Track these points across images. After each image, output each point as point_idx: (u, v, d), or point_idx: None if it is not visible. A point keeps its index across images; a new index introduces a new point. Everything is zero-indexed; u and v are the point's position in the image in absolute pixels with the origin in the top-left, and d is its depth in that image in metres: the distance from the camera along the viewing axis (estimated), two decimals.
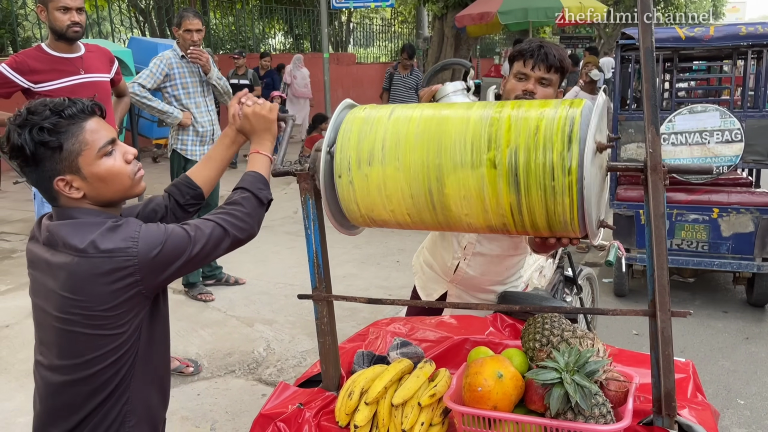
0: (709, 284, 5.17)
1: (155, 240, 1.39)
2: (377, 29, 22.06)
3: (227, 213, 1.50)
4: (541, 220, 1.36)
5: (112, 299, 1.37)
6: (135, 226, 1.40)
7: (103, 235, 1.37)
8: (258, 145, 1.64)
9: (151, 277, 1.40)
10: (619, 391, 1.40)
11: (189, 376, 3.60)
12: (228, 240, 1.48)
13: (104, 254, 1.35)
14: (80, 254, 1.36)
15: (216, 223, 1.47)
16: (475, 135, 1.36)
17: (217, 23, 16.18)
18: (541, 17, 10.11)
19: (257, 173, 1.60)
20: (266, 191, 1.57)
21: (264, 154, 1.63)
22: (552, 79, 1.99)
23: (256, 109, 1.62)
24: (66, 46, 3.23)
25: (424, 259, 2.37)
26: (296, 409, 1.56)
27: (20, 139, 1.36)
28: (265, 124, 1.62)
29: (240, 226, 1.50)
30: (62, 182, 1.41)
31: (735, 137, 4.23)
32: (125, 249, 1.36)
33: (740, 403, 3.41)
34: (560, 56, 1.99)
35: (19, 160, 1.39)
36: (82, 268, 1.36)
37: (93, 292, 1.37)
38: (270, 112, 1.63)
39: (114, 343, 1.41)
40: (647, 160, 1.29)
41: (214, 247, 1.46)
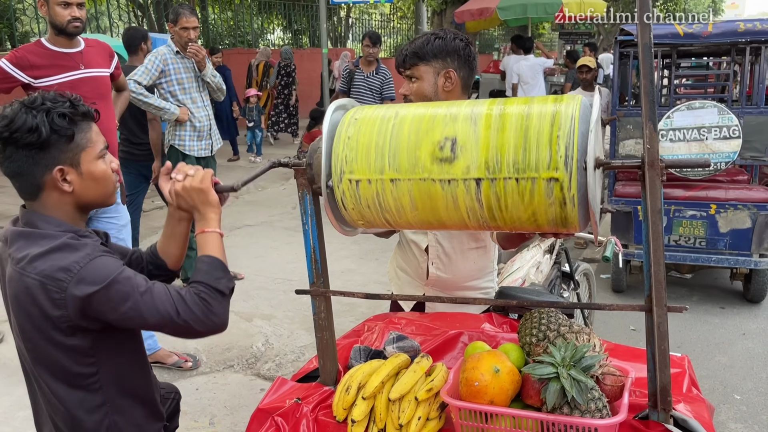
0: (707, 280, 5.18)
1: (98, 277, 1.33)
2: (376, 25, 22.03)
3: (191, 301, 1.39)
4: (541, 226, 1.39)
5: (50, 325, 1.35)
6: (86, 255, 1.35)
7: (47, 255, 1.34)
8: (201, 222, 1.49)
9: (82, 314, 1.34)
10: (615, 386, 1.40)
11: (188, 371, 3.61)
12: (176, 324, 1.37)
13: (37, 277, 1.33)
14: (19, 271, 1.35)
15: (174, 301, 1.37)
16: (474, 219, 1.38)
17: (215, 18, 16.14)
18: (540, 13, 10.11)
19: (211, 259, 1.46)
20: (225, 279, 1.45)
21: (211, 231, 1.48)
22: (415, 74, 1.96)
23: (186, 184, 1.47)
24: (66, 41, 3.22)
25: (397, 264, 2.34)
26: (294, 404, 1.56)
27: (35, 121, 1.35)
28: (200, 197, 1.47)
29: (199, 319, 1.39)
30: (60, 173, 1.40)
31: (733, 134, 4.24)
32: (58, 280, 1.32)
33: (737, 398, 3.43)
34: (414, 48, 1.94)
35: (25, 141, 1.35)
36: (20, 285, 1.36)
37: (31, 312, 1.36)
38: (202, 182, 1.46)
39: (76, 368, 1.41)
40: (644, 156, 1.30)
41: (158, 322, 1.37)
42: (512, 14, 10.21)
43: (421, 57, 1.94)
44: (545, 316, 1.58)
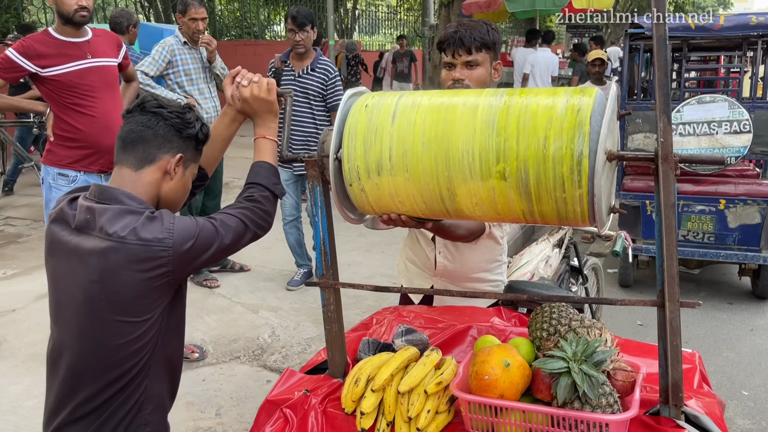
0: (715, 275, 5.16)
1: (188, 233, 1.42)
2: (382, 16, 21.94)
3: (249, 209, 1.53)
4: (552, 220, 1.39)
5: (142, 287, 1.39)
6: (170, 218, 1.43)
7: (143, 225, 1.40)
8: (263, 128, 1.62)
9: (181, 268, 1.43)
10: (626, 381, 1.39)
11: (194, 362, 3.62)
12: (249, 235, 1.52)
13: (142, 243, 1.38)
14: (119, 240, 1.38)
15: (239, 219, 1.51)
16: (483, 146, 1.34)
17: (222, 9, 16.11)
18: (549, 5, 10.03)
19: (269, 166, 1.60)
20: (280, 186, 1.60)
21: (270, 138, 1.62)
22: (477, 59, 1.95)
23: (254, 92, 1.59)
24: (73, 30, 3.21)
25: (407, 256, 2.33)
26: (302, 396, 1.56)
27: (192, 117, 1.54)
28: (266, 106, 1.61)
29: (260, 224, 1.54)
30: (179, 160, 1.51)
31: (743, 128, 4.20)
32: (162, 240, 1.39)
33: (744, 394, 3.41)
34: (480, 34, 1.94)
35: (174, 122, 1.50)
36: (118, 254, 1.38)
37: (124, 280, 1.38)
38: (269, 92, 1.60)
39: (138, 330, 1.42)
40: (658, 150, 1.28)
41: (236, 242, 1.50)
42: (520, 6, 10.14)
43: (485, 44, 1.95)
44: (556, 311, 1.57)
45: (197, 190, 1.74)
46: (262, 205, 1.54)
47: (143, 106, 1.51)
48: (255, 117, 1.63)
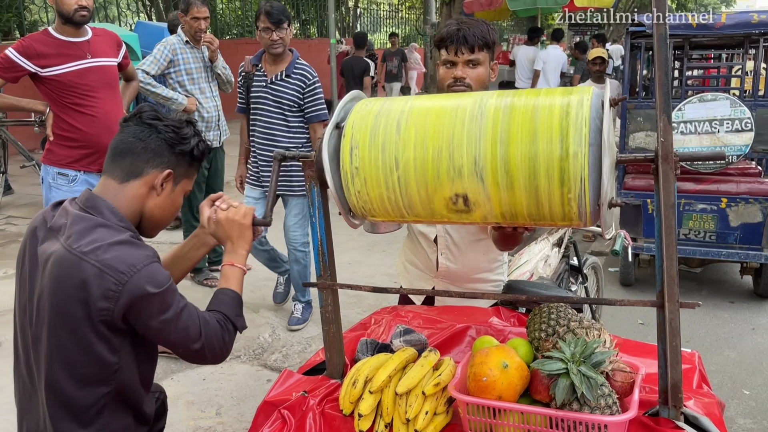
0: (716, 274, 5.14)
1: (157, 280, 1.36)
2: (384, 15, 21.92)
3: (215, 328, 1.47)
4: (552, 221, 1.38)
5: (85, 309, 1.34)
6: (146, 257, 1.37)
7: (110, 246, 1.34)
8: (232, 255, 1.55)
9: (124, 311, 1.35)
10: (625, 382, 1.39)
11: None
12: (197, 345, 1.43)
13: (98, 265, 1.32)
14: (78, 254, 1.34)
15: (200, 325, 1.43)
16: (481, 149, 1.33)
17: (223, 8, 16.10)
18: (550, 3, 10.03)
19: (234, 295, 1.54)
20: (242, 319, 1.55)
21: (238, 266, 1.56)
22: (479, 58, 1.94)
23: (229, 215, 1.54)
24: (73, 30, 3.21)
25: (406, 258, 2.32)
26: (300, 397, 1.56)
27: (190, 132, 1.52)
28: (238, 231, 1.54)
29: (213, 347, 1.46)
30: (168, 177, 1.47)
31: (745, 126, 4.19)
32: (119, 272, 1.32)
33: (745, 393, 3.40)
34: (481, 33, 1.93)
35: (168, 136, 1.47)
36: (72, 266, 1.33)
37: (70, 294, 1.34)
38: (244, 217, 1.54)
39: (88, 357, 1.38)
40: (658, 149, 1.27)
41: (182, 338, 1.42)
42: (522, 5, 10.14)
43: (486, 44, 1.94)
44: (555, 311, 1.56)
45: None
46: (223, 332, 1.48)
47: (140, 116, 1.48)
48: (226, 242, 1.57)
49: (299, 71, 3.75)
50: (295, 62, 3.71)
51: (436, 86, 2.08)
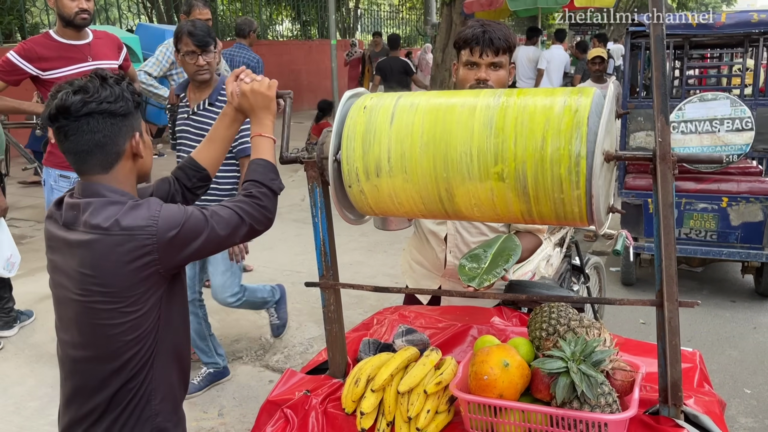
0: (718, 273, 5.15)
1: (175, 220, 1.40)
2: (385, 15, 21.93)
3: (245, 203, 1.50)
4: (550, 220, 1.39)
5: (130, 277, 1.39)
6: (156, 206, 1.42)
7: (125, 213, 1.39)
8: (259, 126, 1.61)
9: (168, 256, 1.41)
10: (626, 381, 1.39)
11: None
12: (245, 228, 1.49)
13: (125, 232, 1.38)
14: (102, 232, 1.38)
15: (234, 211, 1.48)
16: (480, 147, 1.34)
17: (224, 10, 16.13)
18: (550, 3, 10.03)
19: (266, 162, 1.58)
20: (278, 181, 1.57)
21: (267, 136, 1.61)
22: (502, 61, 1.97)
23: (254, 87, 1.58)
24: (74, 32, 3.22)
25: (412, 257, 2.34)
26: (303, 396, 1.57)
27: (121, 89, 1.44)
28: (263, 102, 1.59)
29: (257, 218, 1.51)
30: (136, 138, 1.47)
31: (746, 126, 4.19)
32: (145, 227, 1.38)
33: (747, 392, 3.41)
34: (505, 36, 1.95)
35: (115, 109, 1.42)
36: (102, 245, 1.38)
37: (112, 270, 1.38)
38: (269, 89, 1.59)
39: (133, 320, 1.42)
40: (656, 149, 1.28)
41: (230, 233, 1.47)
42: (522, 5, 10.13)
43: (509, 47, 1.96)
44: (555, 311, 1.57)
45: (200, 191, 1.74)
46: (260, 200, 1.52)
47: (61, 113, 1.40)
48: (252, 114, 1.62)
49: (225, 98, 3.21)
50: (220, 89, 3.13)
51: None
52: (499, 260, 1.77)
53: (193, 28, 2.99)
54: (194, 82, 3.10)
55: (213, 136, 1.71)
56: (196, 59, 2.99)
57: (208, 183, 1.75)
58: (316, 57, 13.21)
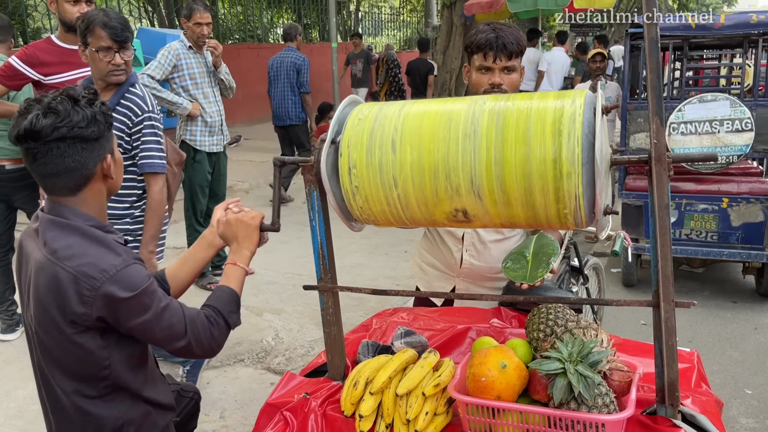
0: (719, 274, 5.14)
1: (130, 285, 1.36)
2: (386, 18, 21.95)
3: (200, 322, 1.47)
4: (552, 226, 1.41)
5: (64, 315, 1.37)
6: (120, 261, 1.38)
7: (84, 251, 1.36)
8: (236, 254, 1.59)
9: (103, 312, 1.37)
10: (623, 381, 1.40)
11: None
12: (183, 342, 1.45)
13: (72, 271, 1.35)
14: (55, 260, 1.36)
15: (185, 321, 1.44)
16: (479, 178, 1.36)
17: (225, 13, 16.16)
18: (551, 5, 10.02)
19: (232, 292, 1.56)
20: (236, 316, 1.56)
21: (241, 266, 1.58)
22: (515, 65, 1.99)
23: (238, 216, 1.57)
24: (75, 38, 3.22)
25: (423, 259, 2.35)
26: (302, 399, 1.58)
27: (90, 112, 1.39)
28: (245, 232, 1.57)
29: (202, 342, 1.48)
30: (107, 160, 1.45)
31: (745, 126, 4.19)
32: (91, 278, 1.34)
33: (748, 393, 3.41)
34: (517, 39, 1.97)
35: (85, 134, 1.38)
36: (49, 273, 1.37)
37: (50, 299, 1.37)
38: (252, 219, 1.57)
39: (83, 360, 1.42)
40: (651, 151, 1.29)
41: (167, 335, 1.43)
42: (522, 6, 10.12)
43: (521, 50, 1.98)
44: (552, 312, 1.58)
45: None
46: (212, 328, 1.49)
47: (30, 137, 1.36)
48: (232, 242, 1.60)
49: (129, 102, 2.67)
50: (127, 89, 2.68)
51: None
52: (541, 256, 1.83)
53: (108, 19, 2.54)
54: (103, 82, 2.64)
55: (187, 257, 1.69)
56: (111, 56, 2.56)
57: None
58: (317, 60, 13.21)
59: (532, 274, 1.78)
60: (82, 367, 1.44)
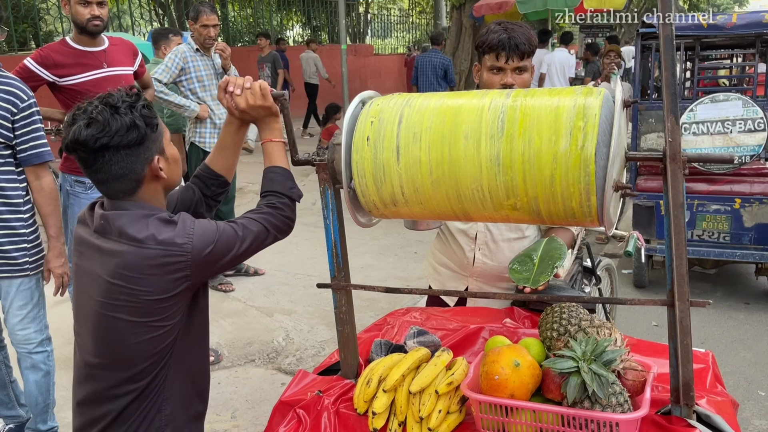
0: (731, 275, 5.11)
1: (208, 238, 1.43)
2: (395, 20, 21.98)
3: (271, 215, 1.53)
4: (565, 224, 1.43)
5: (160, 291, 1.41)
6: (189, 222, 1.44)
7: (160, 228, 1.41)
8: (267, 132, 1.61)
9: (200, 272, 1.44)
10: (637, 381, 1.40)
11: (210, 365, 3.65)
12: (270, 239, 1.53)
13: (160, 246, 1.39)
14: (137, 244, 1.39)
15: (261, 223, 1.51)
16: (491, 185, 1.35)
17: (235, 15, 16.24)
18: (560, 6, 10.00)
19: (282, 170, 1.59)
20: (296, 189, 1.59)
21: (277, 140, 1.61)
22: (526, 65, 1.99)
23: (249, 101, 1.56)
24: (89, 39, 3.27)
25: (436, 260, 2.36)
26: (315, 396, 1.58)
27: (130, 118, 1.41)
28: (264, 111, 1.58)
29: (281, 228, 1.54)
30: (158, 161, 1.47)
31: (758, 126, 4.16)
32: (181, 245, 1.40)
33: (761, 394, 3.38)
34: (528, 39, 1.97)
35: (127, 140, 1.41)
36: (136, 258, 1.39)
37: (143, 282, 1.40)
38: (264, 98, 1.57)
39: (155, 335, 1.43)
40: (666, 150, 1.29)
41: (257, 245, 1.51)
42: (532, 7, 10.11)
43: (533, 50, 1.99)
44: (566, 311, 1.58)
45: (220, 197, 1.74)
46: (283, 211, 1.54)
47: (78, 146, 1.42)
48: (257, 122, 1.62)
49: (5, 89, 2.46)
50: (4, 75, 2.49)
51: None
52: (548, 260, 1.84)
53: None
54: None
55: (223, 143, 1.71)
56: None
57: (226, 188, 1.75)
58: (327, 62, 13.25)
59: (536, 278, 1.78)
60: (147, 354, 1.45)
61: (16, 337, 2.63)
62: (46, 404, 2.74)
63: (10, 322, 2.62)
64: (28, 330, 2.62)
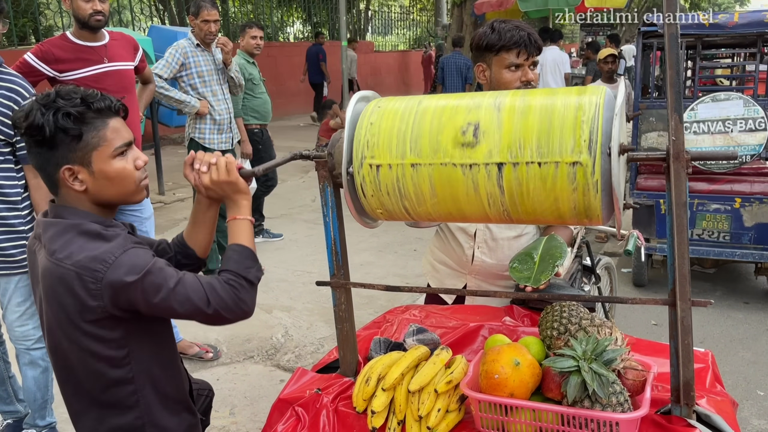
0: (731, 275, 5.11)
1: (131, 268, 1.34)
2: (396, 17, 21.95)
3: (221, 288, 1.40)
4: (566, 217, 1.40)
5: (80, 313, 1.36)
6: (118, 248, 1.36)
7: (83, 246, 1.35)
8: (233, 209, 1.50)
9: (116, 301, 1.35)
10: (637, 380, 1.39)
11: (208, 362, 3.65)
12: (209, 311, 1.38)
13: (74, 268, 1.34)
14: (56, 262, 1.36)
15: (204, 290, 1.38)
16: (495, 215, 1.38)
17: (235, 12, 16.21)
18: (561, 4, 9.99)
19: (242, 248, 1.48)
20: (254, 269, 1.47)
21: (242, 218, 1.50)
22: (537, 60, 2.05)
23: (213, 178, 1.46)
24: (90, 34, 3.25)
25: (435, 258, 2.36)
26: (314, 394, 1.58)
27: (42, 119, 1.35)
28: (230, 188, 1.48)
29: (229, 307, 1.40)
30: (68, 172, 1.40)
31: (759, 126, 4.16)
32: (93, 270, 1.33)
33: (760, 394, 3.38)
34: (536, 35, 2.04)
35: (34, 139, 1.38)
36: (53, 274, 1.36)
37: (63, 302, 1.36)
38: (229, 174, 1.47)
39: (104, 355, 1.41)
40: (670, 148, 1.28)
41: (189, 308, 1.38)
42: (533, 5, 10.11)
43: (542, 47, 2.05)
44: (566, 310, 1.57)
45: (187, 268, 1.57)
46: (237, 291, 1.41)
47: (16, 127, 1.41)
48: (224, 199, 1.52)
49: (7, 85, 2.47)
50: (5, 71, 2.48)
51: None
52: (548, 258, 1.84)
53: None
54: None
55: (196, 220, 1.64)
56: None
57: (191, 261, 1.66)
58: (328, 58, 13.24)
59: (537, 277, 1.78)
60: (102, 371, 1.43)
61: (15, 333, 2.65)
62: (44, 400, 2.75)
63: (9, 319, 2.64)
64: (26, 326, 2.64)
